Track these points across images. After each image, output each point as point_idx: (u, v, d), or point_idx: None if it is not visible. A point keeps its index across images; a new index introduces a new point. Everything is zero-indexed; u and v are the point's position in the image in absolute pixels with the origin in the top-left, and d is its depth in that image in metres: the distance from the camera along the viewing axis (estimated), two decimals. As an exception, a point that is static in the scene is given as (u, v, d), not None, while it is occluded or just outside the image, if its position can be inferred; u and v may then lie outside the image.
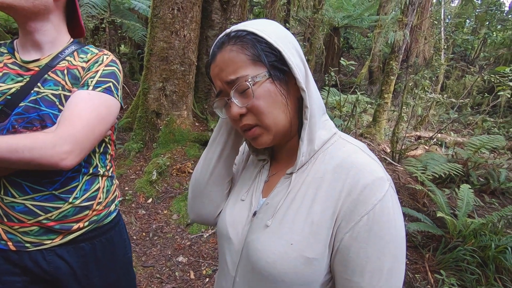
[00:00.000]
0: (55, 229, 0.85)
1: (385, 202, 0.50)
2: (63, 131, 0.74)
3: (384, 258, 0.50)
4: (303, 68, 0.57)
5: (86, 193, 0.90)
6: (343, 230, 0.51)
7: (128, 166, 3.51)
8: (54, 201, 0.84)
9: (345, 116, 4.69)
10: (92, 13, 5.43)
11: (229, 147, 0.68)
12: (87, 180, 0.91)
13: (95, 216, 0.93)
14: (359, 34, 13.10)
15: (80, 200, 0.88)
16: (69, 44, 0.90)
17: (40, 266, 0.86)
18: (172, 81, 3.81)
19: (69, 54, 0.88)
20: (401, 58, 5.62)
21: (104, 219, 0.96)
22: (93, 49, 0.93)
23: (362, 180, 0.51)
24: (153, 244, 2.52)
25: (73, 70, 0.87)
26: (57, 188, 0.84)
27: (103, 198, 0.95)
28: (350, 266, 0.51)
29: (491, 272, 2.02)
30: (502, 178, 3.49)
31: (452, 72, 9.73)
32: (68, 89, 0.85)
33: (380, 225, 0.50)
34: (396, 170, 3.94)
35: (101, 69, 0.86)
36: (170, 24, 3.69)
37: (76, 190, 0.88)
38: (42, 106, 0.82)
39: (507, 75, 4.01)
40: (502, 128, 6.11)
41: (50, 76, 0.84)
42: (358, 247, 0.50)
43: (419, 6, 6.77)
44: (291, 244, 0.53)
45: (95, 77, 0.84)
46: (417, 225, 2.33)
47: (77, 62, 0.88)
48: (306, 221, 0.54)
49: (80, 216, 0.89)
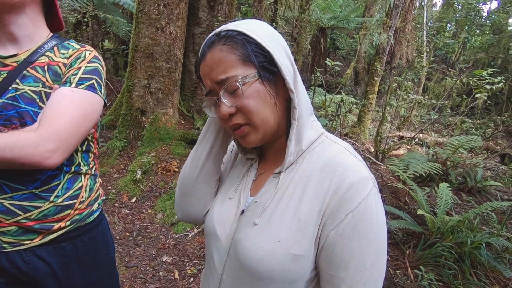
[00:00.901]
0: (34, 229, 0.83)
1: (369, 200, 0.52)
2: (46, 129, 0.72)
3: (367, 254, 0.52)
4: (292, 69, 0.58)
5: (68, 191, 0.88)
6: (328, 227, 0.53)
7: (111, 164, 3.43)
8: (34, 200, 0.82)
9: (330, 116, 4.76)
10: (74, 7, 5.26)
11: (218, 146, 0.68)
12: (69, 179, 0.88)
13: (77, 215, 0.91)
14: (345, 35, 13.31)
15: (61, 198, 0.86)
16: (48, 38, 0.87)
17: (18, 267, 0.83)
18: (158, 78, 3.75)
19: (49, 50, 0.85)
20: (385, 60, 5.76)
21: (86, 218, 0.94)
22: (75, 44, 0.90)
23: (348, 179, 0.53)
24: (136, 244, 2.47)
25: (54, 67, 0.85)
26: (37, 187, 0.82)
27: (85, 196, 0.93)
28: (335, 262, 0.53)
29: (467, 267, 2.10)
30: (479, 177, 3.64)
31: (434, 75, 10.06)
32: (49, 85, 0.82)
33: (364, 222, 0.51)
34: (379, 169, 4.04)
35: (83, 65, 0.85)
36: (156, 20, 3.63)
37: (57, 188, 0.85)
38: (21, 103, 0.79)
39: (484, 78, 4.18)
40: (479, 129, 6.37)
41: (29, 72, 0.81)
42: (342, 243, 0.52)
43: (403, 10, 6.94)
44: (278, 242, 0.54)
45: (77, 74, 0.83)
46: (398, 222, 2.40)
47: (58, 58, 0.86)
48: (294, 218, 0.55)
49: (61, 215, 0.87)
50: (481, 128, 6.53)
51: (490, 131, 5.89)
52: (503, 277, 2.13)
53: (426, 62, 7.69)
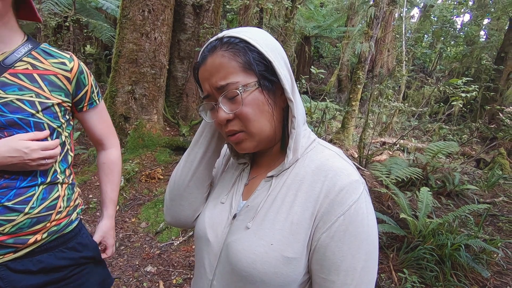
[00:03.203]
0: (7, 244, 0.79)
1: (360, 203, 0.53)
2: (115, 144, 1.10)
3: (358, 256, 0.52)
4: (290, 79, 0.58)
5: (44, 202, 0.84)
6: (320, 230, 0.53)
7: (92, 172, 3.32)
8: (6, 213, 0.77)
9: (315, 122, 4.84)
10: (55, 10, 5.13)
11: (211, 150, 0.68)
12: (44, 189, 0.85)
13: (55, 226, 0.87)
14: (328, 44, 13.66)
15: (37, 209, 0.82)
16: (24, 42, 0.84)
17: None
18: (142, 84, 3.70)
19: (27, 54, 0.82)
20: (367, 68, 5.94)
21: (65, 228, 0.90)
22: (58, 50, 0.88)
23: (339, 182, 0.54)
24: (119, 255, 2.39)
25: (49, 77, 0.83)
26: (10, 199, 0.78)
27: (63, 207, 0.89)
28: (326, 264, 0.53)
29: (448, 269, 2.17)
30: (456, 181, 3.79)
31: (413, 83, 10.46)
32: (46, 96, 0.82)
33: (355, 225, 0.52)
34: (363, 174, 4.13)
35: (91, 81, 0.96)
36: (140, 26, 3.59)
37: (32, 199, 0.81)
38: (5, 112, 0.77)
39: (459, 87, 4.39)
40: (456, 135, 6.65)
41: (11, 80, 0.78)
42: (334, 246, 0.52)
43: (383, 20, 7.22)
44: (271, 244, 0.54)
45: (94, 91, 0.98)
46: (382, 226, 2.45)
47: (49, 66, 0.84)
48: (286, 221, 0.55)
49: (37, 227, 0.83)
50: (457, 134, 6.82)
51: (466, 137, 6.17)
52: (481, 278, 2.21)
53: (405, 71, 8.00)
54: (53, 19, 4.91)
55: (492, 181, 4.26)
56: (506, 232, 3.05)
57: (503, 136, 5.31)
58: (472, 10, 12.55)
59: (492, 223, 3.23)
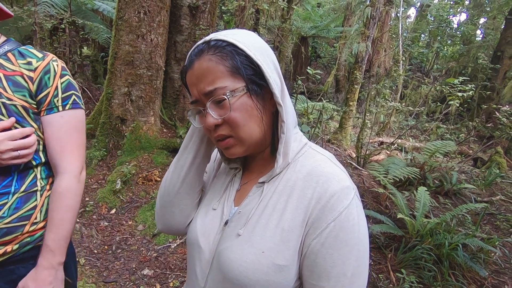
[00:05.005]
0: None
1: (351, 209, 0.53)
2: (70, 171, 0.86)
3: (348, 262, 0.52)
4: (279, 82, 0.57)
5: (17, 212, 0.79)
6: (311, 236, 0.53)
7: (89, 175, 3.30)
8: None
9: (313, 123, 4.83)
10: (51, 13, 5.10)
11: (201, 155, 0.67)
12: (19, 198, 0.80)
13: (28, 238, 0.82)
14: (326, 44, 13.67)
15: (8, 220, 0.77)
16: (1, 43, 0.81)
17: None
18: (138, 86, 3.68)
19: (2, 56, 0.80)
20: (364, 68, 5.94)
21: (40, 240, 0.85)
22: (34, 51, 0.84)
23: (331, 188, 0.53)
24: (116, 258, 2.38)
25: (14, 77, 0.79)
26: None
27: (40, 218, 0.84)
28: (317, 271, 0.52)
29: (446, 268, 2.17)
30: (454, 180, 3.79)
31: (410, 82, 10.48)
32: (8, 97, 0.78)
33: (345, 230, 0.52)
34: (361, 174, 4.12)
35: (58, 83, 0.84)
36: (136, 28, 3.58)
37: (3, 208, 0.77)
38: None
39: (456, 86, 4.40)
40: (453, 134, 6.67)
41: None
42: (325, 252, 0.52)
43: (380, 20, 7.24)
44: (262, 252, 0.53)
45: (58, 95, 0.84)
46: (380, 226, 2.45)
47: (16, 67, 0.80)
48: (277, 228, 0.54)
49: (7, 238, 0.78)
50: (455, 133, 6.84)
51: (463, 136, 6.18)
52: (479, 277, 2.21)
53: (402, 71, 8.02)
54: (48, 21, 4.89)
55: (490, 180, 4.27)
56: (503, 230, 3.05)
57: (500, 135, 5.32)
58: (468, 9, 12.62)
59: (490, 222, 3.24)
